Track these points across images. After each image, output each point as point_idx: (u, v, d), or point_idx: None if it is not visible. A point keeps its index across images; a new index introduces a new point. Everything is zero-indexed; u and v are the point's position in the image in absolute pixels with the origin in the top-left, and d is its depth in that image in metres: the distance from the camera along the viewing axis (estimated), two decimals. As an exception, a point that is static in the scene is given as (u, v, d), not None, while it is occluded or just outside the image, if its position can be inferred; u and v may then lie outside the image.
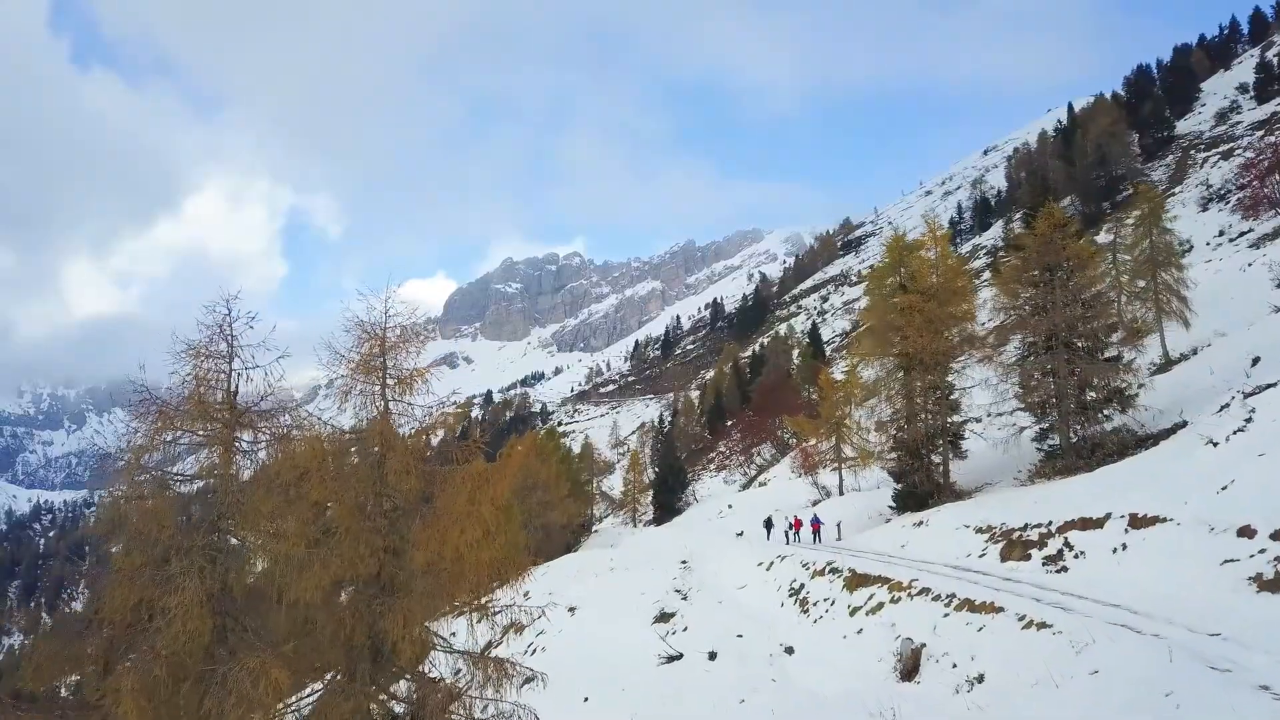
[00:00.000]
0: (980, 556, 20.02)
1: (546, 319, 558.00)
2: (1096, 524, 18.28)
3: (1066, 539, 18.56)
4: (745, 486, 62.79)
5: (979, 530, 21.08)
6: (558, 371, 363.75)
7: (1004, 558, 19.64)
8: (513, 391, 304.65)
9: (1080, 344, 25.18)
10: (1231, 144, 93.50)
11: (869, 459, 36.10)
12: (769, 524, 29.37)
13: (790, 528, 28.93)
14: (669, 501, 69.63)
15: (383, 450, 10.90)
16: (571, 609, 24.96)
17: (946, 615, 15.94)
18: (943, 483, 27.42)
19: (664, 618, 21.48)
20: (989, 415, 28.57)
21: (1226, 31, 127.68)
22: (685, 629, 20.54)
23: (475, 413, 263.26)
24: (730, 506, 48.64)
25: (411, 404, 11.25)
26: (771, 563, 22.99)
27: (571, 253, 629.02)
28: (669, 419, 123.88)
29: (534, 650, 23.00)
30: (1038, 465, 25.73)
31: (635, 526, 68.17)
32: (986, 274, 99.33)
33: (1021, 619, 14.38)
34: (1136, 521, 17.44)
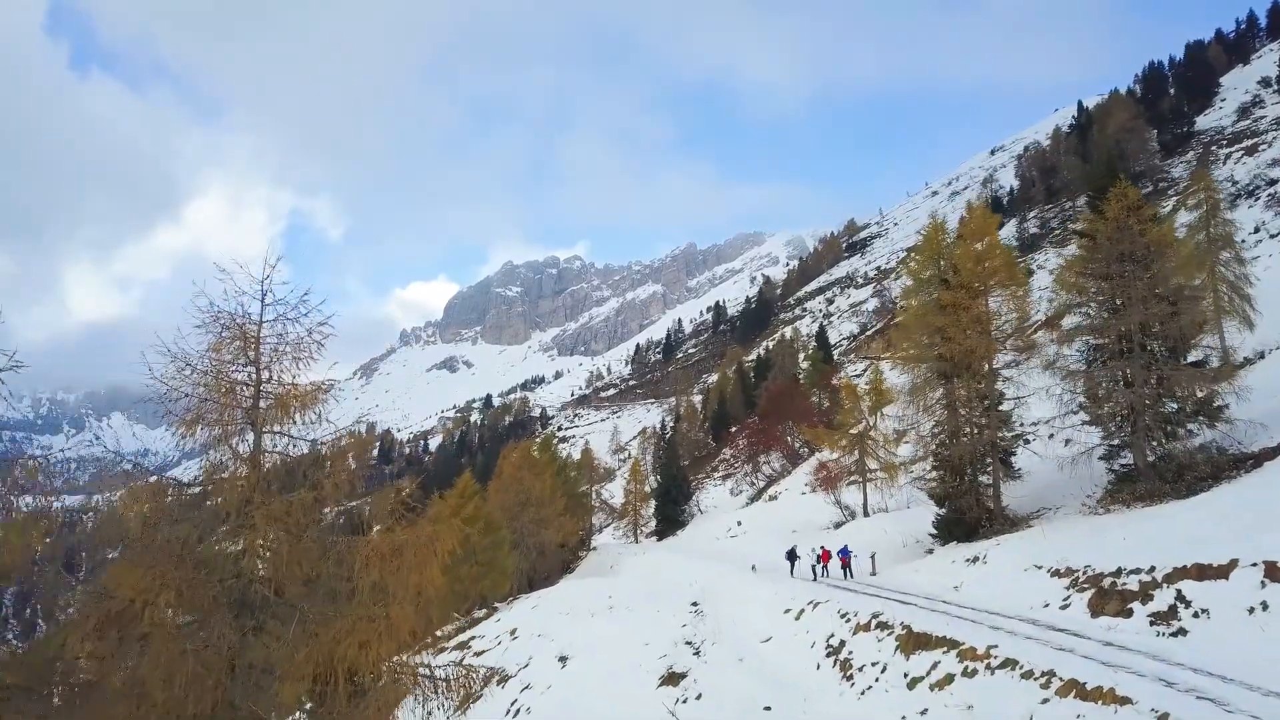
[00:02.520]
0: (1062, 608, 16.23)
1: (547, 322, 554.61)
2: (1219, 572, 14.48)
3: (1179, 591, 14.75)
4: (753, 499, 58.93)
5: (1055, 573, 17.30)
6: (558, 375, 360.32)
7: (1094, 611, 15.83)
8: (513, 396, 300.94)
9: (1157, 346, 21.42)
10: (1256, 139, 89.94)
11: (896, 474, 32.34)
12: (793, 556, 25.62)
13: (818, 561, 25.12)
14: (672, 514, 66.00)
15: (243, 512, 7.08)
16: (562, 659, 21.18)
17: (1046, 702, 12.16)
18: (993, 508, 23.63)
19: (672, 678, 17.72)
20: (1043, 428, 24.77)
21: (1244, 26, 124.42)
22: (699, 696, 16.75)
23: (474, 417, 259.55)
24: (739, 524, 44.80)
25: (296, 438, 7.44)
26: (802, 610, 19.18)
27: (572, 256, 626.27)
28: (671, 425, 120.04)
29: (517, 712, 19.23)
30: (1108, 489, 21.93)
31: (637, 541, 64.37)
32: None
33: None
34: (1277, 573, 13.71)
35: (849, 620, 17.50)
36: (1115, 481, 21.92)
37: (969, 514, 23.18)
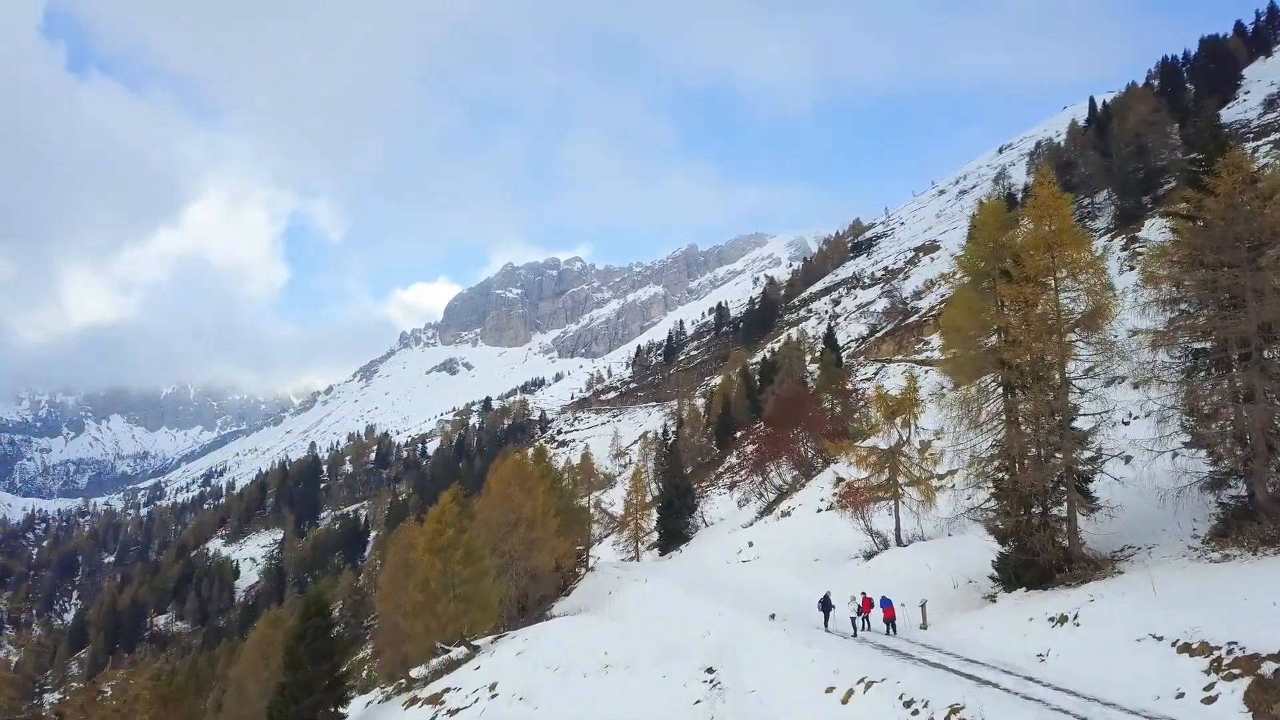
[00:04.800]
0: (1206, 701, 12.18)
1: (547, 324, 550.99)
2: None
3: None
4: (763, 513, 54.77)
5: (1184, 648, 13.25)
6: (558, 378, 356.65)
7: (1253, 708, 11.79)
8: (512, 398, 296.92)
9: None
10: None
11: (933, 497, 28.28)
12: (826, 606, 21.54)
13: (858, 612, 21.01)
14: (675, 527, 62.01)
15: None
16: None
17: None
18: (1069, 547, 19.56)
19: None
20: (1121, 443, 20.67)
21: (1264, 18, 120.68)
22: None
23: (474, 420, 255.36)
24: (750, 545, 40.67)
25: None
26: (850, 691, 15.06)
27: (573, 257, 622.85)
28: (673, 430, 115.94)
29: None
30: (1216, 527, 17.89)
31: (638, 557, 60.28)
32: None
33: None
34: None
35: (918, 715, 13.43)
36: (1225, 517, 17.89)
37: (1043, 555, 19.09)
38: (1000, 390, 21.48)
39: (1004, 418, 21.09)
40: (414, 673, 29.89)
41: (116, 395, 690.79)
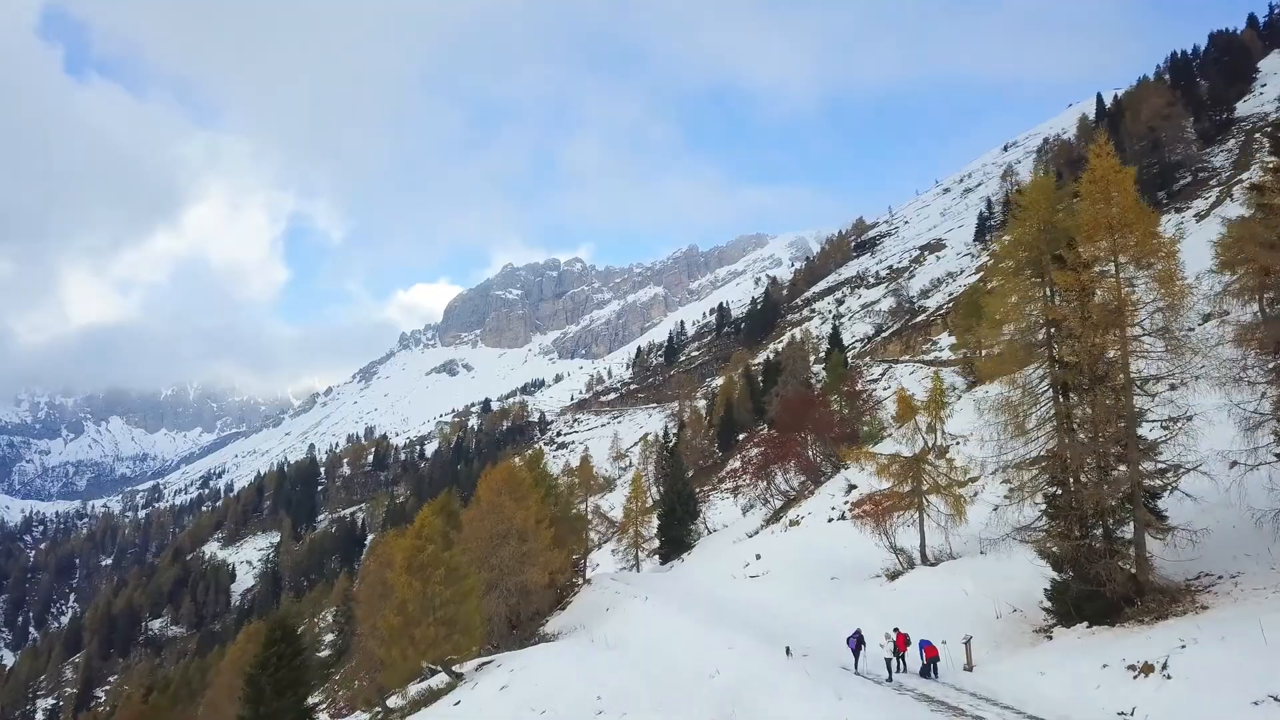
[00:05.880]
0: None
1: (547, 325, 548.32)
2: None
3: None
4: (769, 520, 52.02)
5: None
6: (558, 379, 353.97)
7: None
8: (512, 400, 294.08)
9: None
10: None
11: (963, 510, 25.57)
12: (858, 643, 18.73)
13: (895, 652, 18.20)
14: (678, 534, 59.32)
15: None
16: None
17: None
18: (1139, 575, 16.82)
19: None
20: (1212, 459, 17.93)
21: (1278, 10, 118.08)
22: None
23: (472, 422, 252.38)
24: (758, 557, 37.89)
25: None
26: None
27: (573, 258, 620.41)
28: (674, 432, 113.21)
29: None
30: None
31: (637, 567, 57.51)
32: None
33: None
34: None
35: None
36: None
37: (1110, 585, 16.35)
38: (1050, 392, 18.75)
39: (1054, 423, 18.36)
40: (390, 702, 27.17)
41: (116, 397, 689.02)
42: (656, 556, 61.02)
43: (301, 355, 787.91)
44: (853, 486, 45.61)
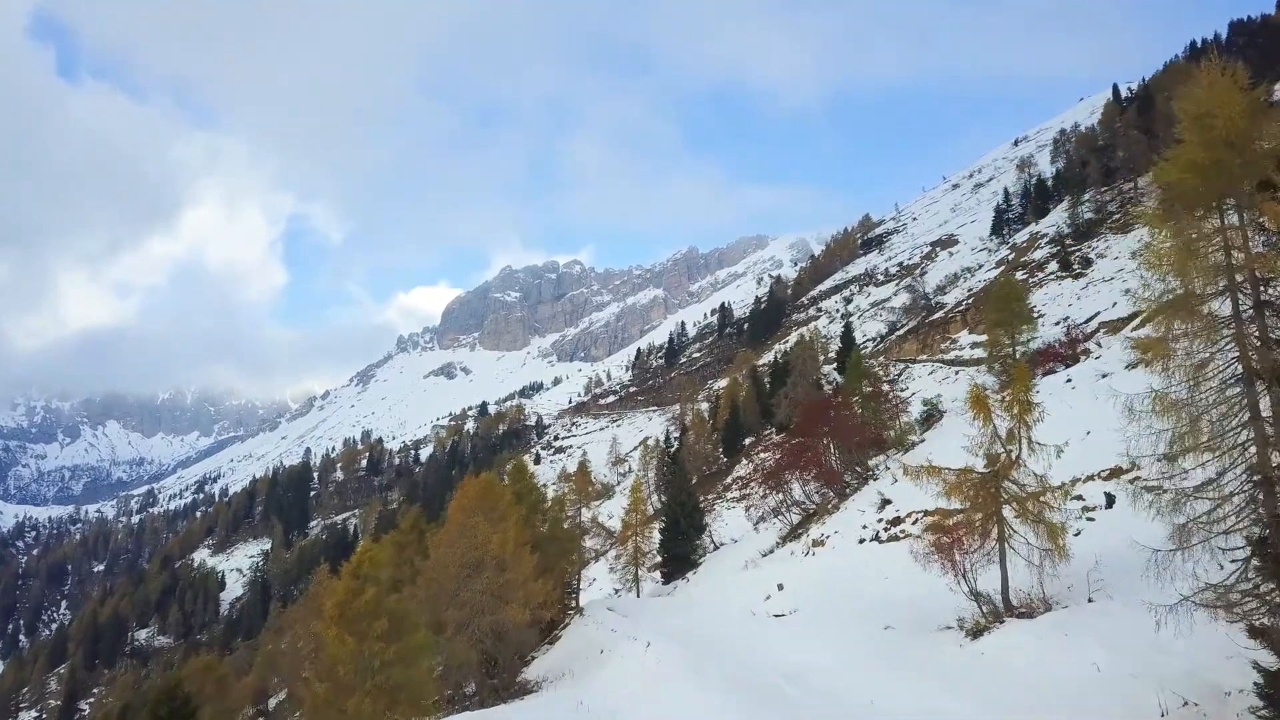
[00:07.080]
0: None
1: (546, 328, 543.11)
2: None
3: None
4: (787, 538, 45.91)
5: None
6: (557, 382, 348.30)
7: None
8: (510, 403, 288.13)
9: None
10: (1356, 104, 77.57)
11: (1061, 543, 19.56)
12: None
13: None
14: (682, 550, 53.36)
15: None
16: None
17: None
18: None
19: None
20: None
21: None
22: None
23: (469, 425, 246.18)
24: (780, 588, 31.81)
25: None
26: None
27: (572, 261, 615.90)
28: (676, 437, 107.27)
29: None
30: None
31: (637, 591, 51.36)
32: (1054, 266, 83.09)
33: None
34: None
35: None
36: None
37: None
38: (1239, 386, 12.73)
39: (1256, 429, 12.32)
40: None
41: (113, 401, 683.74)
42: (659, 572, 55.09)
43: (300, 358, 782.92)
44: (887, 501, 39.57)
